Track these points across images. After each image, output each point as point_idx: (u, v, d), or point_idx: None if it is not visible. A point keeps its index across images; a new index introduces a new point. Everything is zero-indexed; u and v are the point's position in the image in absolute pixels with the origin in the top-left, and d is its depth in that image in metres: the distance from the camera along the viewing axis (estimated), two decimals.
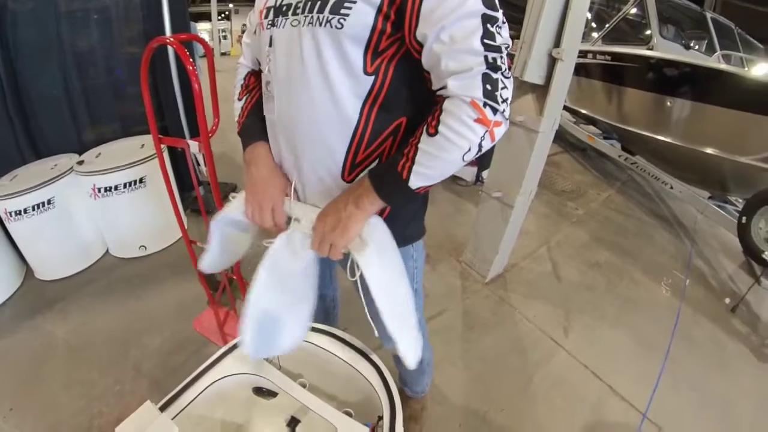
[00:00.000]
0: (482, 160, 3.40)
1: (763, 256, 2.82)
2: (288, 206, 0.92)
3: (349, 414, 1.05)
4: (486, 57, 0.64)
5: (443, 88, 0.68)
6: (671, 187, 3.53)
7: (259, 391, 1.17)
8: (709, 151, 3.23)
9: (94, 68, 2.43)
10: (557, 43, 1.85)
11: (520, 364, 2.01)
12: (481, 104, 0.65)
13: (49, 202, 2.08)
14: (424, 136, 0.70)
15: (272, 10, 0.81)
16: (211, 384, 1.06)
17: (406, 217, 0.95)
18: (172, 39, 1.34)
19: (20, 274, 2.23)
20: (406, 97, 0.78)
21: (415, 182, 0.72)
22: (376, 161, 0.82)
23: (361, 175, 0.83)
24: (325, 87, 0.75)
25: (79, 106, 2.42)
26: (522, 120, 2.04)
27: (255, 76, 1.04)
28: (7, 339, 1.90)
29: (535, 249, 2.99)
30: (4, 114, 2.13)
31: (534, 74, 1.89)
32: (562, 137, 5.05)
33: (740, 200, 3.52)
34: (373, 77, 0.74)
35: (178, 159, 2.67)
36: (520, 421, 1.73)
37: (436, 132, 0.68)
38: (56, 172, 2.12)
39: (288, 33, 0.77)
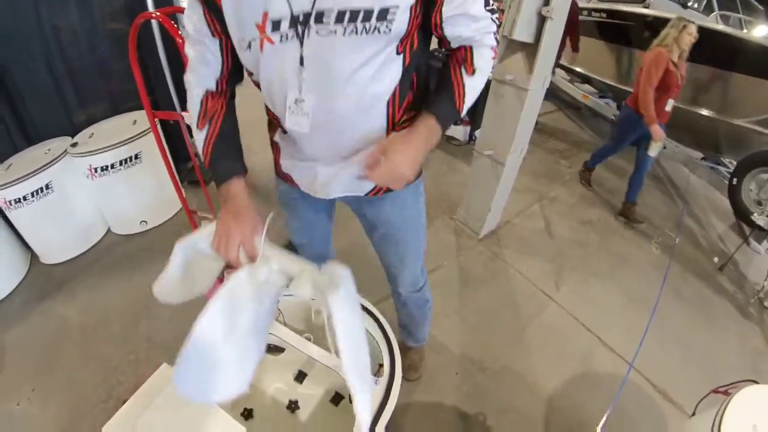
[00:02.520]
0: (475, 120, 3.47)
1: (752, 217, 2.96)
2: (259, 243, 0.90)
3: None
4: (491, 18, 0.87)
5: (463, 40, 0.89)
6: (664, 147, 3.64)
7: (267, 348, 1.30)
8: (704, 112, 3.33)
9: (78, 49, 2.43)
10: (546, 2, 1.89)
11: (514, 316, 2.17)
12: (495, 47, 0.91)
13: (47, 186, 2.16)
14: (465, 77, 0.90)
15: (283, 21, 0.77)
16: None
17: None
18: (158, 13, 1.40)
19: (26, 261, 2.32)
20: (417, 62, 0.92)
21: (464, 111, 0.93)
22: (407, 120, 0.96)
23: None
24: (368, 83, 0.83)
25: (67, 89, 2.42)
26: (512, 78, 2.11)
27: (211, 98, 0.98)
28: (21, 325, 2.01)
29: (527, 206, 3.13)
30: None
31: (523, 33, 1.95)
32: (556, 96, 5.12)
33: (732, 162, 3.64)
34: (401, 56, 0.86)
35: (171, 132, 2.72)
36: (514, 369, 1.89)
37: (474, 71, 0.90)
38: (51, 157, 2.17)
39: (317, 44, 0.78)
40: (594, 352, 1.99)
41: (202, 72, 0.94)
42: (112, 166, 2.26)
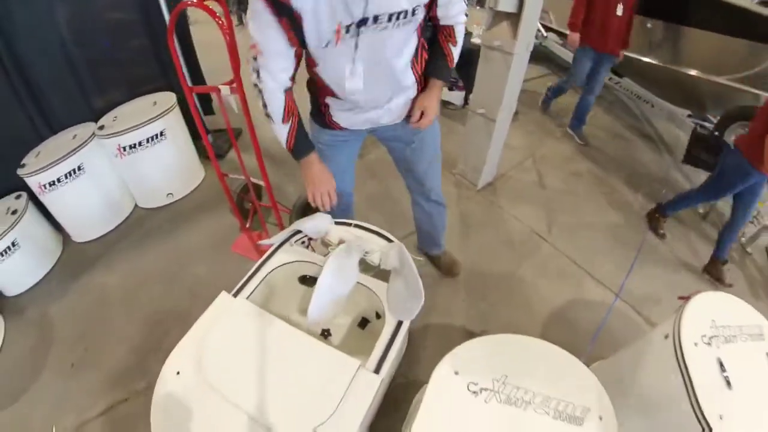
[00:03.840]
0: (469, 86, 3.77)
1: None
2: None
3: None
4: (464, 2, 1.33)
5: (448, 20, 1.35)
6: (652, 106, 3.90)
7: (304, 280, 1.58)
8: (690, 72, 3.58)
9: (92, 38, 2.58)
10: None
11: (510, 253, 2.49)
12: (465, 23, 1.39)
13: (79, 168, 2.39)
14: (452, 48, 1.42)
15: (353, 25, 1.12)
16: (268, 275, 1.45)
17: None
18: (195, 1, 1.63)
19: (59, 243, 2.54)
20: (422, 35, 1.36)
21: (452, 68, 1.47)
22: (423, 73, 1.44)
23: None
24: (404, 54, 1.31)
25: (85, 77, 2.61)
26: (499, 44, 2.40)
27: (289, 96, 1.34)
28: (63, 299, 2.23)
29: (521, 161, 3.44)
30: (14, 98, 2.31)
31: (508, 4, 2.24)
32: (551, 60, 5.36)
33: (717, 118, 3.89)
34: (416, 33, 1.30)
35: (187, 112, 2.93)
36: (511, 297, 2.22)
37: (456, 43, 1.41)
38: (79, 141, 2.40)
39: (372, 35, 1.17)
40: (583, 284, 2.30)
41: (281, 78, 1.27)
42: (140, 144, 2.52)
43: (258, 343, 1.22)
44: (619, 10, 3.23)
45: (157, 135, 2.57)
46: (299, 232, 1.54)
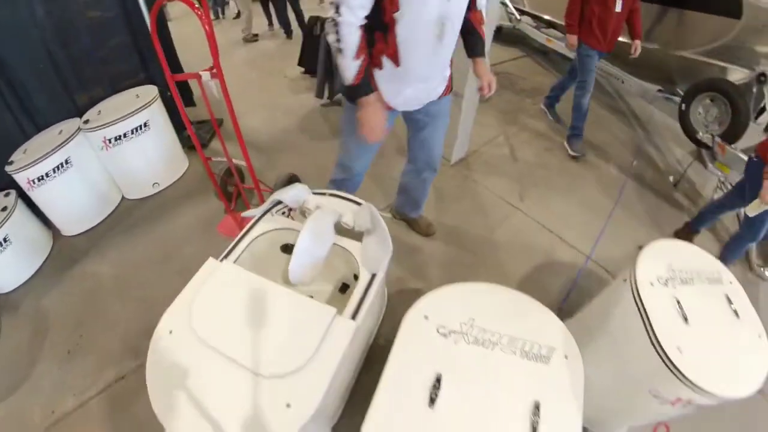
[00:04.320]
0: None
1: (697, 136, 3.38)
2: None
3: None
4: None
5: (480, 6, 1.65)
6: (623, 82, 4.03)
7: (286, 248, 1.67)
8: (658, 47, 3.72)
9: (72, 36, 2.62)
10: None
11: (484, 222, 2.62)
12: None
13: (66, 162, 2.45)
14: (484, 30, 1.69)
15: None
16: (252, 242, 1.55)
17: None
18: None
19: (49, 238, 2.58)
20: None
21: None
22: None
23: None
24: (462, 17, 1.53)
25: (68, 75, 2.64)
26: None
27: (362, 33, 1.41)
28: (57, 289, 2.29)
29: (494, 137, 3.58)
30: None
31: None
32: (525, 42, 5.48)
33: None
34: None
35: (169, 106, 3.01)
36: (486, 261, 2.36)
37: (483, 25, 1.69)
38: (65, 136, 2.45)
39: None
40: (555, 248, 2.42)
41: (359, 14, 1.36)
42: (125, 135, 2.59)
43: (243, 299, 1.31)
44: (618, 6, 3.04)
45: (140, 126, 2.64)
46: (280, 202, 1.63)
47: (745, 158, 2.96)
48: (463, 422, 1.05)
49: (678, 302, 1.39)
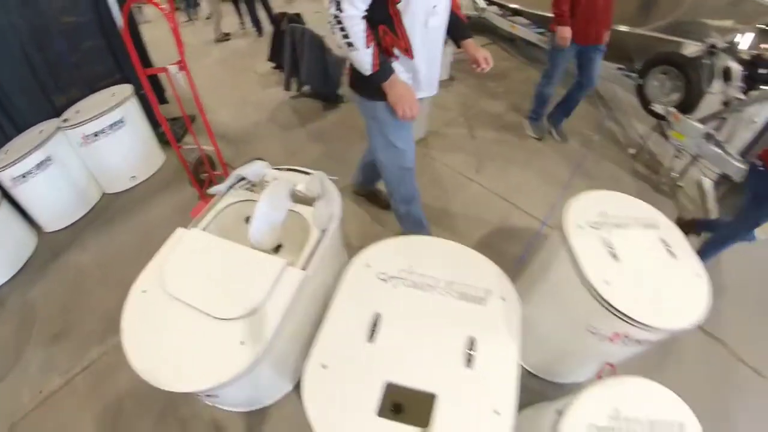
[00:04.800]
0: None
1: (651, 107, 3.55)
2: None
3: None
4: None
5: None
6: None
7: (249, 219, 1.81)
8: (619, 27, 3.90)
9: (51, 41, 2.76)
10: None
11: (442, 194, 2.77)
12: None
13: (48, 159, 2.57)
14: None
15: None
16: (218, 213, 1.70)
17: None
18: None
19: (33, 235, 2.69)
20: None
21: None
22: None
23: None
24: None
25: (46, 78, 2.76)
26: None
27: (366, 24, 1.45)
28: (42, 281, 2.41)
29: (453, 118, 3.73)
30: None
31: None
32: (491, 31, 5.65)
33: None
34: None
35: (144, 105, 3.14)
36: (445, 227, 2.51)
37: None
38: (45, 135, 2.57)
39: None
40: (511, 215, 2.58)
41: (360, 7, 1.41)
42: (102, 131, 2.73)
43: (207, 258, 1.48)
44: None
45: (117, 123, 2.78)
46: (243, 178, 1.77)
47: (701, 127, 3.14)
48: (400, 354, 1.17)
49: (607, 242, 1.50)
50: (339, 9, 1.39)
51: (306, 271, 1.40)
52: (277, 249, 1.84)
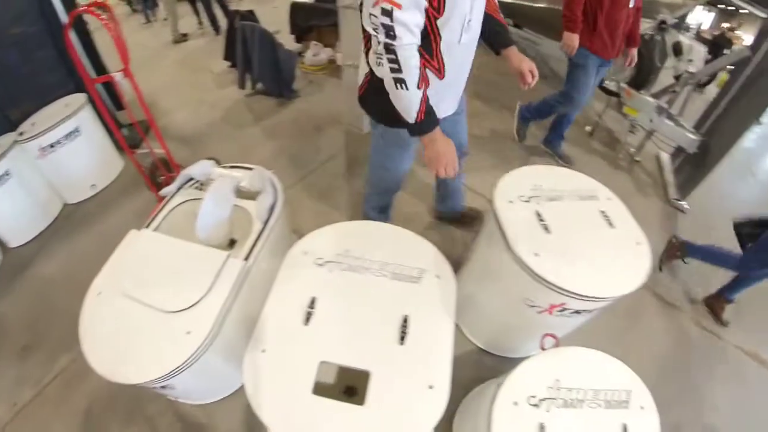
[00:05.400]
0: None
1: (603, 84, 3.68)
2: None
3: None
4: None
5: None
6: (538, 45, 4.31)
7: None
8: (541, 5, 4.08)
9: (0, 50, 2.76)
10: None
11: None
12: None
13: (6, 173, 2.59)
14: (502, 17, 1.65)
15: None
16: (169, 213, 1.78)
17: None
18: (85, 7, 1.94)
19: None
20: None
21: None
22: None
23: None
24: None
25: None
26: (351, 2, 2.82)
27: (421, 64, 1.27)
28: (8, 295, 2.43)
29: None
30: None
31: None
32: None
33: None
34: None
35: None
36: (396, 214, 2.49)
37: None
38: (2, 149, 2.58)
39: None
40: (465, 197, 2.66)
41: (417, 34, 1.23)
42: (59, 142, 2.77)
43: (158, 256, 1.56)
44: (632, 1, 2.57)
45: (72, 132, 2.82)
46: (192, 178, 1.85)
47: (653, 101, 3.27)
48: (334, 334, 1.24)
49: (539, 215, 1.56)
50: (392, 36, 1.18)
51: (247, 261, 1.49)
52: (232, 244, 1.93)
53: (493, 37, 1.62)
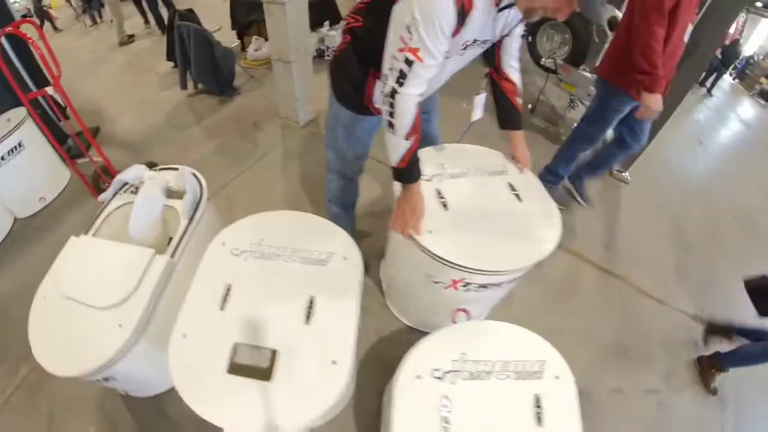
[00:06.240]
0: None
1: (541, 62, 3.85)
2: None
3: None
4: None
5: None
6: None
7: None
8: None
9: None
10: None
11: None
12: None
13: None
14: (519, 101, 1.78)
15: (469, 43, 1.34)
16: (106, 218, 1.93)
17: None
18: (10, 29, 2.06)
19: None
20: None
21: None
22: None
23: None
24: None
25: None
26: None
27: (419, 113, 1.36)
28: None
29: None
30: None
31: None
32: None
33: None
34: None
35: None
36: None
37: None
38: None
39: (471, 52, 1.43)
40: None
41: (424, 89, 1.32)
42: (2, 158, 2.83)
43: (95, 259, 1.71)
44: (688, 33, 2.31)
45: (16, 147, 2.89)
46: (126, 183, 2.00)
47: (589, 76, 3.45)
48: (247, 318, 1.36)
49: (439, 192, 1.65)
50: (400, 84, 1.27)
51: (173, 257, 1.65)
52: (169, 242, 2.08)
53: (504, 116, 1.75)
